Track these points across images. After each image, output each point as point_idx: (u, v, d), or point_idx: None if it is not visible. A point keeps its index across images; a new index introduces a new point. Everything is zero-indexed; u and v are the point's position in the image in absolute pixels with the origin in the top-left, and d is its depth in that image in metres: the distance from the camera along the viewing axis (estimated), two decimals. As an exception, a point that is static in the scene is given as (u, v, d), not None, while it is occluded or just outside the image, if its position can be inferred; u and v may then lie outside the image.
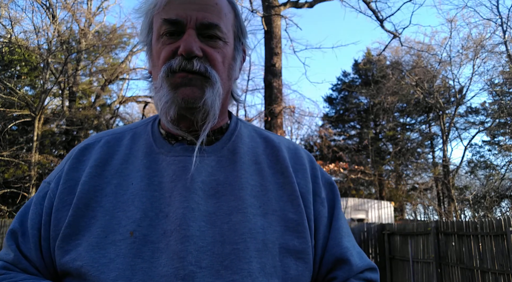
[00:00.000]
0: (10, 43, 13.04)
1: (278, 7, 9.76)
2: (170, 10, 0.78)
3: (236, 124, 0.92)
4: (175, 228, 0.72)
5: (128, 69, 17.81)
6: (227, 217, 0.75)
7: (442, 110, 17.93)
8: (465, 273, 7.18)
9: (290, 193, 0.82)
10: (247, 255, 0.72)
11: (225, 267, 0.70)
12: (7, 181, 13.77)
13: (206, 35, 0.79)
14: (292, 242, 0.77)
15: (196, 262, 0.69)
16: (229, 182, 0.80)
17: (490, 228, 6.65)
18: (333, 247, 0.83)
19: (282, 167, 0.86)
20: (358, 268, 0.82)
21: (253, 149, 0.88)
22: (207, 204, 0.76)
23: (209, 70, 0.77)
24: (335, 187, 0.92)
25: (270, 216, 0.79)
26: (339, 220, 0.87)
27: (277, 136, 0.96)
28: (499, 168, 18.19)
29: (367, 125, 25.50)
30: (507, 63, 15.26)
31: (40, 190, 0.84)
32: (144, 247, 0.71)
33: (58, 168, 0.87)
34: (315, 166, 0.92)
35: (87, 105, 17.86)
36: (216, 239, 0.73)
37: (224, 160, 0.83)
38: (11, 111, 13.26)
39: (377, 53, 17.40)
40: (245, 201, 0.78)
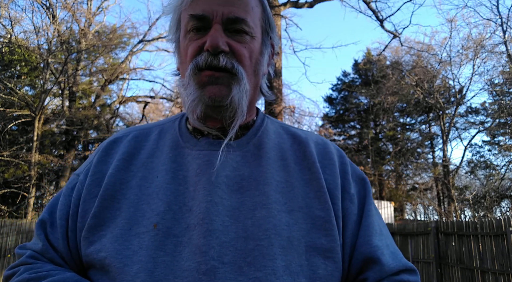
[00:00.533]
0: (10, 43, 13.04)
1: (278, 7, 9.76)
2: (197, 5, 0.78)
3: (262, 120, 0.91)
4: (198, 222, 0.71)
5: (128, 69, 17.81)
6: (251, 213, 0.74)
7: (442, 110, 17.92)
8: (465, 273, 7.18)
9: (317, 189, 0.80)
10: (271, 252, 0.70)
11: (248, 264, 0.69)
12: (7, 181, 13.76)
13: (232, 30, 0.78)
14: (319, 240, 0.74)
15: (219, 257, 0.68)
16: (253, 177, 0.78)
17: (490, 228, 6.65)
18: (362, 246, 0.78)
19: (309, 163, 0.83)
20: (391, 269, 0.77)
21: (279, 145, 0.87)
22: (231, 199, 0.75)
23: (236, 66, 0.76)
24: (367, 183, 0.88)
25: (296, 213, 0.76)
26: (369, 217, 0.82)
27: (304, 132, 0.94)
28: (499, 168, 18.19)
29: (367, 125, 25.50)
30: (507, 63, 15.26)
31: (69, 182, 0.85)
32: (166, 240, 0.70)
33: (88, 161, 0.88)
34: (345, 161, 0.89)
35: (87, 105, 17.86)
36: (239, 234, 0.71)
37: (249, 155, 0.82)
38: (11, 111, 13.25)
39: (377, 53, 17.40)
40: (270, 197, 0.76)
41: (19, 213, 12.99)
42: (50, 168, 15.69)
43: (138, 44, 17.30)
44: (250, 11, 0.79)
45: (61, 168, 14.98)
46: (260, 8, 0.84)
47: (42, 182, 14.54)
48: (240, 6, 0.78)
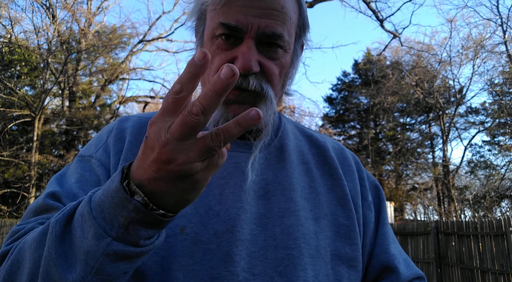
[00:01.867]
0: (10, 43, 13.04)
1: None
2: (230, 12, 0.69)
3: (280, 119, 0.87)
4: (227, 229, 0.68)
5: (128, 69, 17.80)
6: (279, 220, 0.71)
7: (442, 110, 17.92)
8: (465, 273, 7.18)
9: (340, 196, 0.78)
10: (302, 261, 0.68)
11: (279, 274, 0.66)
12: (7, 181, 13.76)
13: (265, 43, 0.71)
14: (344, 249, 0.73)
15: (249, 269, 0.66)
16: (279, 182, 0.75)
17: (490, 228, 6.65)
18: (380, 254, 0.78)
19: (331, 169, 0.81)
20: (406, 278, 0.77)
21: (298, 147, 0.84)
22: (258, 205, 0.72)
23: (265, 88, 0.71)
24: (381, 191, 0.88)
25: (321, 220, 0.74)
26: (385, 226, 0.82)
27: (321, 135, 0.91)
28: (499, 168, 18.19)
29: (367, 125, 25.49)
30: (507, 63, 15.26)
31: (81, 165, 0.75)
32: (195, 247, 0.66)
33: (98, 142, 0.79)
34: (361, 168, 0.88)
35: (87, 105, 17.85)
36: (269, 243, 0.68)
37: (272, 157, 0.79)
38: (11, 111, 13.25)
39: (377, 53, 17.40)
40: (297, 203, 0.73)
41: (19, 213, 12.99)
42: (50, 168, 15.68)
43: (138, 44, 17.30)
44: (288, 22, 0.71)
45: (61, 168, 14.96)
46: (298, 13, 0.76)
47: (42, 182, 14.53)
48: (279, 18, 0.70)
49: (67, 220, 0.53)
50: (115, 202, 0.48)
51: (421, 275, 0.82)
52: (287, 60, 0.75)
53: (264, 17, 0.69)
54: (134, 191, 0.48)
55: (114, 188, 0.49)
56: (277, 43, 0.71)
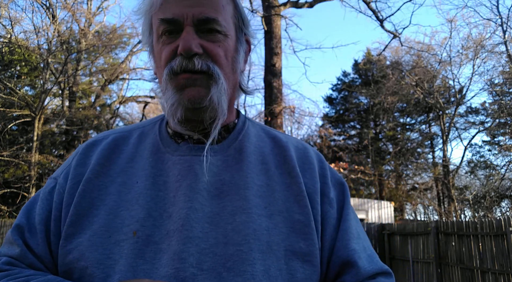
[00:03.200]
0: (10, 43, 13.04)
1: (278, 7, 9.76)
2: (166, 9, 0.76)
3: (243, 123, 0.90)
4: (177, 228, 0.71)
5: (128, 69, 17.81)
6: (231, 218, 0.73)
7: (442, 110, 17.93)
8: (465, 273, 7.18)
9: (296, 193, 0.80)
10: (250, 256, 0.70)
11: (227, 269, 0.69)
12: (7, 181, 13.77)
13: (205, 30, 0.76)
14: (298, 244, 0.75)
15: (197, 264, 0.68)
16: (234, 182, 0.78)
17: (490, 228, 6.65)
18: (340, 249, 0.79)
19: (289, 167, 0.84)
20: (367, 272, 0.78)
21: (260, 148, 0.86)
22: (212, 205, 0.75)
23: (211, 66, 0.75)
24: (345, 187, 0.89)
25: (275, 217, 0.76)
26: (347, 221, 0.83)
27: (285, 136, 0.94)
28: (499, 168, 18.19)
29: (367, 125, 25.49)
30: (507, 63, 15.26)
31: (46, 186, 0.83)
32: (146, 248, 0.70)
33: (65, 164, 0.85)
34: (325, 166, 0.89)
35: (87, 105, 17.86)
36: (219, 240, 0.71)
37: (231, 159, 0.81)
38: (11, 111, 13.26)
39: (377, 53, 17.40)
40: (250, 201, 0.76)
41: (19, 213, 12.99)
42: (50, 168, 15.69)
43: (138, 44, 17.30)
44: (221, 9, 0.78)
45: (61, 168, 14.96)
46: (232, 5, 0.82)
47: (42, 182, 14.53)
48: (210, 5, 0.76)
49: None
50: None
51: (386, 270, 0.82)
52: (229, 44, 0.79)
53: (196, 5, 0.75)
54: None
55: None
56: (216, 29, 0.76)
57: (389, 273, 0.82)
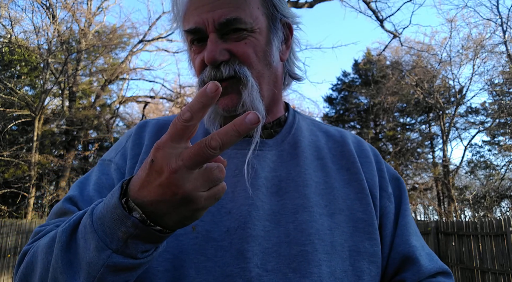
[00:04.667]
0: (10, 43, 13.04)
1: (278, 7, 9.75)
2: (189, 18, 0.75)
3: (294, 117, 0.88)
4: (239, 226, 0.69)
5: (128, 69, 17.80)
6: (293, 216, 0.71)
7: (442, 110, 17.93)
8: (465, 273, 7.18)
9: (358, 190, 0.78)
10: (316, 257, 0.68)
11: (293, 270, 0.67)
12: (7, 181, 13.75)
13: (229, 32, 0.73)
14: (362, 244, 0.73)
15: (262, 265, 0.66)
16: (292, 178, 0.76)
17: (490, 228, 6.65)
18: (400, 245, 0.77)
19: (348, 163, 0.82)
20: (428, 271, 0.76)
21: (314, 143, 0.84)
22: (271, 202, 0.73)
23: (238, 70, 0.73)
24: (401, 182, 0.87)
25: (337, 216, 0.74)
26: (406, 217, 0.81)
27: (337, 129, 0.92)
28: (499, 168, 18.18)
29: (367, 125, 25.48)
30: (507, 63, 15.26)
31: (99, 166, 0.81)
32: (207, 244, 0.68)
33: (118, 147, 0.84)
34: (380, 160, 0.88)
35: (87, 105, 17.85)
36: (282, 239, 0.69)
37: (285, 154, 0.79)
38: (11, 111, 13.25)
39: (377, 53, 17.40)
40: (311, 199, 0.74)
41: (19, 213, 12.99)
42: (50, 168, 15.68)
43: (138, 44, 17.29)
44: (243, 5, 0.74)
45: (61, 168, 14.97)
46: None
47: (42, 182, 14.53)
48: (230, 4, 0.73)
49: (72, 230, 0.56)
50: (114, 217, 0.51)
51: (446, 270, 0.80)
52: (258, 38, 0.76)
53: (215, 9, 0.72)
54: (133, 207, 0.50)
55: (113, 204, 0.51)
56: (240, 28, 0.73)
57: (449, 273, 0.81)
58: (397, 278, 0.76)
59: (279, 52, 0.81)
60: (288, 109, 0.90)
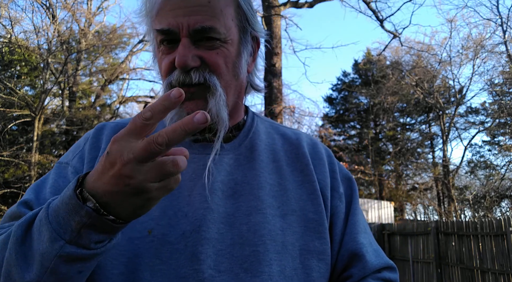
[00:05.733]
0: (10, 43, 13.04)
1: (278, 7, 9.76)
2: (162, 18, 0.73)
3: (252, 120, 0.89)
4: (194, 229, 0.70)
5: (128, 69, 17.80)
6: (246, 218, 0.74)
7: (442, 110, 17.93)
8: (465, 273, 7.18)
9: (310, 191, 0.81)
10: (267, 257, 0.71)
11: (244, 270, 0.69)
12: (7, 181, 13.76)
13: (202, 39, 0.73)
14: (312, 243, 0.76)
15: (215, 266, 0.68)
16: (247, 181, 0.78)
17: (490, 228, 6.65)
18: (348, 242, 0.80)
19: (302, 165, 0.84)
20: (374, 266, 0.79)
21: (270, 146, 0.86)
22: (226, 205, 0.75)
23: (208, 78, 0.73)
24: (353, 183, 0.90)
25: (289, 216, 0.77)
26: (355, 216, 0.85)
27: (294, 131, 0.93)
28: (499, 168, 18.18)
29: (367, 125, 25.48)
30: (507, 63, 15.26)
31: (56, 169, 0.81)
32: (162, 247, 0.69)
33: (75, 149, 0.84)
34: (333, 161, 0.90)
35: (87, 105, 17.85)
36: (235, 241, 0.71)
37: (242, 158, 0.81)
38: (11, 111, 13.25)
39: (377, 53, 17.39)
40: (264, 201, 0.76)
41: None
42: (50, 168, 15.67)
43: (138, 44, 17.29)
44: (219, 14, 0.74)
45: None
46: (233, 6, 0.78)
47: (42, 182, 14.51)
48: (206, 13, 0.72)
49: (28, 224, 0.58)
50: (69, 208, 0.53)
51: (391, 265, 0.84)
52: (229, 49, 0.76)
53: (192, 14, 0.72)
54: (87, 198, 0.52)
55: (69, 195, 0.53)
56: (213, 37, 0.74)
57: (394, 268, 0.84)
58: (344, 274, 0.80)
59: (247, 65, 0.83)
60: (247, 112, 0.91)
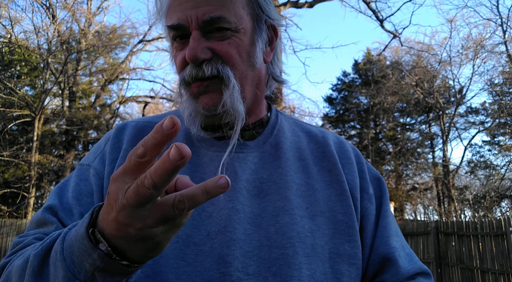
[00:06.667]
0: (10, 43, 13.04)
1: (278, 7, 9.76)
2: (173, 14, 0.73)
3: (276, 117, 0.87)
4: (219, 230, 0.68)
5: (128, 69, 17.80)
6: (274, 219, 0.71)
7: (442, 110, 17.93)
8: (465, 273, 7.18)
9: (339, 192, 0.78)
10: (296, 261, 0.68)
11: (273, 274, 0.66)
12: (7, 181, 13.76)
13: (212, 30, 0.72)
14: (343, 246, 0.73)
15: (243, 268, 0.66)
16: (273, 180, 0.75)
17: (490, 228, 6.65)
18: (380, 246, 0.77)
19: (330, 164, 0.81)
20: (407, 271, 0.76)
21: (296, 144, 0.83)
22: (252, 205, 0.72)
23: (221, 70, 0.71)
24: (383, 183, 0.87)
25: (318, 218, 0.74)
26: (386, 218, 0.81)
27: (319, 129, 0.91)
28: (499, 168, 18.17)
29: (367, 125, 25.47)
30: (507, 63, 15.26)
31: (78, 171, 0.79)
32: (187, 248, 0.67)
33: (96, 150, 0.82)
34: (362, 161, 0.87)
35: (87, 105, 17.85)
36: (263, 243, 0.69)
37: (267, 156, 0.79)
38: (11, 111, 13.25)
39: (377, 53, 17.40)
40: (292, 202, 0.73)
41: (19, 213, 12.99)
42: (50, 168, 15.68)
43: (138, 44, 17.29)
44: (228, 3, 0.72)
45: (61, 168, 14.97)
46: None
47: (42, 182, 14.54)
48: (215, 2, 0.71)
49: (44, 255, 0.55)
50: (82, 248, 0.49)
51: (425, 270, 0.80)
52: (242, 39, 0.74)
53: (200, 6, 0.70)
54: (99, 239, 0.48)
55: (81, 234, 0.49)
56: (224, 27, 0.72)
57: (429, 273, 0.80)
58: (376, 280, 0.76)
59: (263, 54, 0.80)
60: (270, 109, 0.89)
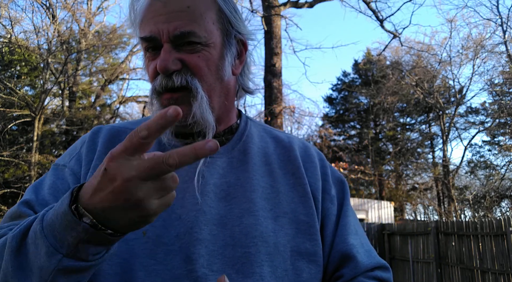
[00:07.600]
0: (10, 43, 13.04)
1: (278, 7, 9.75)
2: (146, 26, 0.76)
3: (246, 123, 0.91)
4: (187, 230, 0.72)
5: (128, 69, 17.80)
6: (239, 220, 0.75)
7: (442, 110, 17.93)
8: (465, 273, 7.18)
9: (301, 194, 0.83)
10: (258, 258, 0.73)
11: (236, 271, 0.71)
12: (7, 181, 13.75)
13: (183, 44, 0.75)
14: (303, 245, 0.78)
15: (208, 266, 0.70)
16: (240, 184, 0.80)
17: (490, 228, 6.65)
18: (339, 244, 0.82)
19: (294, 168, 0.86)
20: (366, 266, 0.81)
21: (263, 149, 0.88)
22: (219, 207, 0.76)
23: (190, 81, 0.75)
24: (345, 185, 0.92)
25: (281, 219, 0.79)
26: (346, 217, 0.87)
27: (287, 135, 0.95)
28: (499, 168, 18.18)
29: (367, 125, 25.48)
30: (507, 63, 15.26)
31: (54, 173, 0.82)
32: (157, 248, 0.71)
33: (72, 152, 0.86)
34: (325, 164, 0.92)
35: (87, 105, 17.85)
36: (228, 242, 0.73)
37: (235, 161, 0.83)
38: (11, 111, 13.25)
39: (377, 53, 17.39)
40: (257, 204, 0.78)
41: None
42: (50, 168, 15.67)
43: (138, 44, 17.23)
44: (199, 18, 0.75)
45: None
46: (214, 10, 0.79)
47: (42, 182, 14.50)
48: (186, 17, 0.74)
49: (23, 235, 0.58)
50: (64, 223, 0.52)
51: (384, 264, 0.85)
52: (211, 52, 0.77)
53: (171, 20, 0.74)
54: (83, 213, 0.52)
55: (63, 211, 0.53)
56: (194, 41, 0.75)
57: (387, 267, 0.86)
58: (336, 274, 0.81)
59: (232, 67, 0.83)
60: (241, 116, 0.93)
